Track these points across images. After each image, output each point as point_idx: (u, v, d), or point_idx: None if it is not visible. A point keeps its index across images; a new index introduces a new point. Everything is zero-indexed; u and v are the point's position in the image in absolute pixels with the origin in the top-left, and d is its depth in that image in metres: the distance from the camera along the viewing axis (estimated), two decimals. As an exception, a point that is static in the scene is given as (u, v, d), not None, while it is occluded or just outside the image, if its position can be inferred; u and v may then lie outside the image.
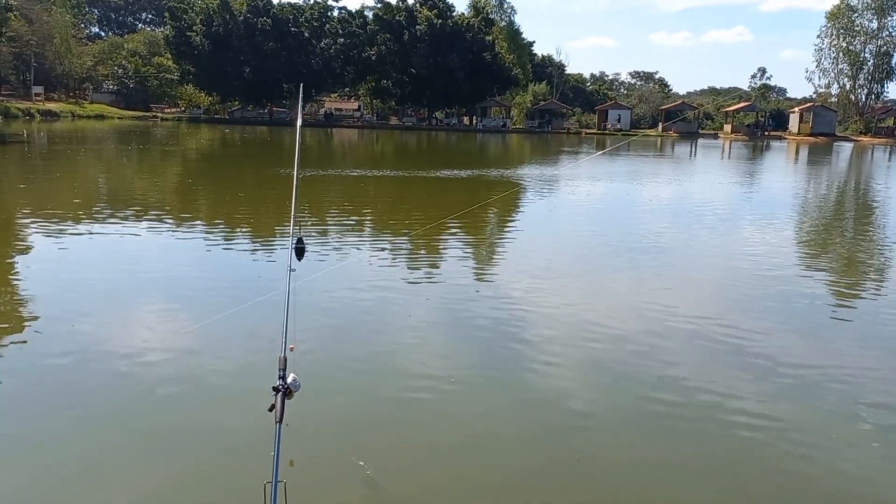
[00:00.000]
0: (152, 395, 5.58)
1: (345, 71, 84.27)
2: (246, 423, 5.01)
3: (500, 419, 5.35)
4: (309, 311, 7.32)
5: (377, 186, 22.85)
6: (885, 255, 13.00)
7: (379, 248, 11.90)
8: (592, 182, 25.64)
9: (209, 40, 78.12)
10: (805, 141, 71.78)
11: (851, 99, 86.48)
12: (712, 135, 79.91)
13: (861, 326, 8.17)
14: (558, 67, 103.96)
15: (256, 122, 77.09)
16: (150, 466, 4.55)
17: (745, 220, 17.15)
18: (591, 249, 12.30)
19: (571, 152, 46.04)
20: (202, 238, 12.47)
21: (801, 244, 14.16)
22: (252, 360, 6.31)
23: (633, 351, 6.89)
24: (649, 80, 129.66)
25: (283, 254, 10.79)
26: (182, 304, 8.18)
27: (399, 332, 7.30)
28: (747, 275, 10.55)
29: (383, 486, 4.40)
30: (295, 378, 3.00)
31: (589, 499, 4.36)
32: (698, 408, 5.63)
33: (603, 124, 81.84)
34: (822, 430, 5.30)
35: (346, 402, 5.56)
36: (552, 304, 8.51)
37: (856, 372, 6.50)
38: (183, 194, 19.52)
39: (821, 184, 29.19)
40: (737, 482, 4.56)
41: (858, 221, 17.98)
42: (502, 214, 17.28)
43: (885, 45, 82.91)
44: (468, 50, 79.41)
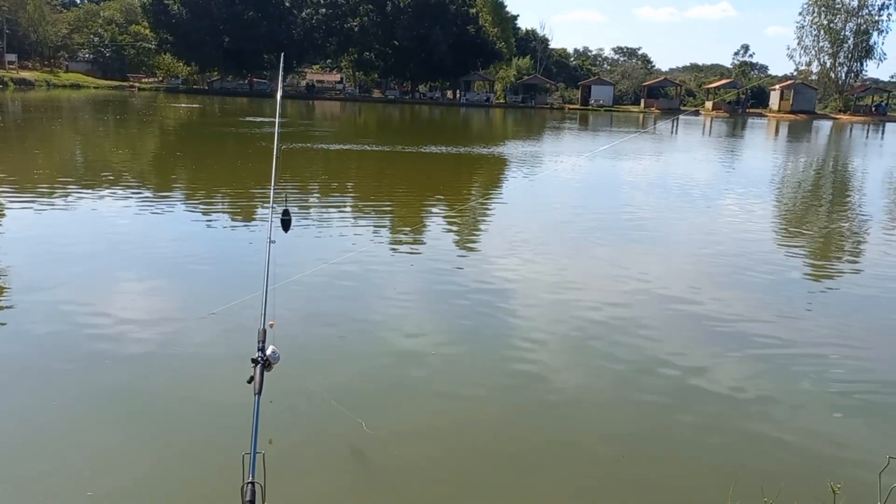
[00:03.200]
0: (130, 369, 5.56)
1: (327, 42, 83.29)
2: (226, 396, 5.02)
3: (482, 393, 5.39)
4: (290, 284, 7.29)
5: (361, 161, 22.71)
6: (861, 231, 13.19)
7: (364, 223, 11.86)
8: (575, 158, 25.67)
9: (187, 8, 76.73)
10: (785, 118, 72.20)
11: (831, 77, 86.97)
12: (694, 111, 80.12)
13: (838, 299, 8.30)
14: (542, 42, 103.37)
15: (236, 92, 76.07)
16: (127, 440, 4.55)
17: (726, 196, 17.28)
18: (574, 225, 12.34)
19: (563, 128, 45.99)
20: (183, 210, 12.35)
21: (780, 220, 14.31)
22: (232, 333, 6.30)
23: (614, 325, 6.95)
24: (632, 55, 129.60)
25: (265, 224, 10.72)
26: (162, 278, 8.12)
27: (382, 305, 7.30)
28: (727, 250, 10.67)
29: (364, 458, 4.43)
30: (274, 350, 3.00)
31: (569, 470, 4.42)
32: (679, 382, 5.70)
33: (586, 100, 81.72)
34: (799, 403, 5.39)
35: (326, 375, 5.57)
36: (535, 278, 8.56)
37: (832, 345, 6.61)
38: (162, 166, 19.29)
39: (800, 161, 29.43)
40: (716, 455, 4.64)
41: (836, 198, 18.19)
42: (486, 188, 17.29)
43: (865, 24, 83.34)
44: (452, 22, 78.71)
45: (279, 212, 4.37)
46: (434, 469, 4.37)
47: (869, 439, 4.86)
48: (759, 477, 4.13)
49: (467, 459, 4.48)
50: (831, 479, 3.30)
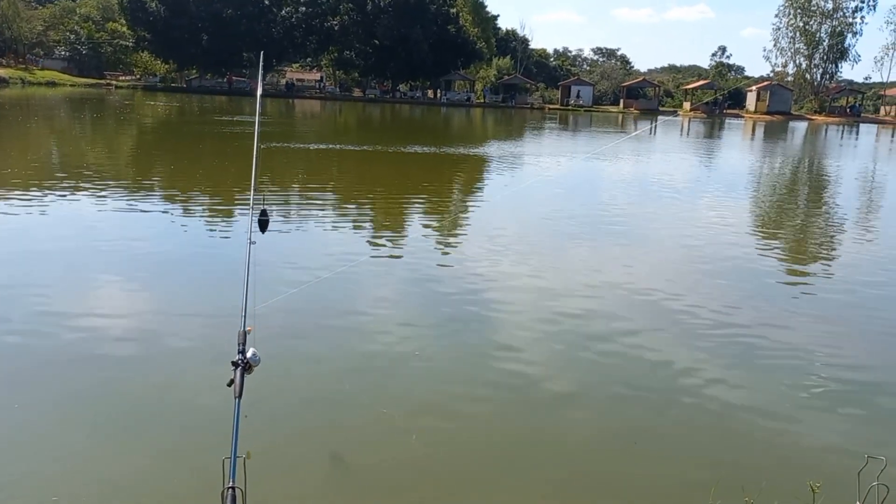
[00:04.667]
0: (106, 371, 5.49)
1: (307, 41, 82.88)
2: (206, 399, 4.96)
3: (465, 395, 5.38)
4: (272, 284, 7.24)
5: (341, 161, 22.62)
6: (836, 230, 13.36)
7: (344, 224, 11.81)
8: (556, 158, 25.78)
9: (165, 6, 75.99)
10: (762, 119, 72.95)
11: (807, 78, 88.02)
12: (672, 112, 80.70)
13: (814, 299, 8.39)
14: (522, 42, 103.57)
15: (215, 91, 75.48)
16: (102, 443, 4.48)
17: (704, 196, 17.42)
18: (554, 225, 12.35)
19: (544, 129, 46.11)
20: (162, 210, 12.22)
21: (757, 220, 14.45)
22: (213, 334, 6.24)
23: (595, 324, 6.98)
24: (611, 56, 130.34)
25: (244, 225, 10.64)
26: (141, 277, 8.03)
27: (363, 306, 7.27)
28: (706, 249, 10.76)
29: (345, 462, 4.41)
30: (255, 352, 2.96)
31: (550, 469, 4.42)
32: (660, 381, 5.73)
33: (566, 100, 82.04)
34: (778, 402, 5.44)
35: (308, 377, 5.53)
36: (517, 278, 8.56)
37: (810, 344, 6.68)
38: (140, 165, 19.09)
39: (776, 162, 29.75)
40: (697, 454, 4.66)
41: (812, 198, 18.40)
42: (467, 188, 17.30)
43: (840, 26, 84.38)
44: (432, 22, 78.65)
45: (257, 212, 4.32)
46: (415, 471, 4.36)
47: (847, 438, 4.92)
48: (740, 476, 4.16)
49: (449, 461, 4.47)
50: (811, 477, 3.34)
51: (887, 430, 5.06)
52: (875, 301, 8.36)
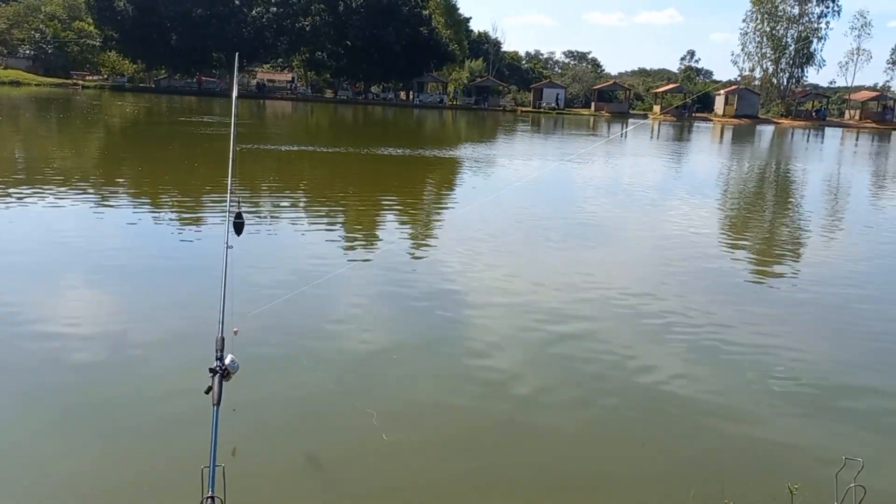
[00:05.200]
0: (79, 377, 5.38)
1: (278, 41, 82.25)
2: (183, 407, 4.87)
3: (443, 399, 5.36)
4: (249, 289, 7.15)
5: (313, 163, 22.48)
6: (802, 232, 13.59)
7: (317, 227, 11.73)
8: (527, 160, 25.90)
9: (133, 5, 74.91)
10: (730, 122, 73.98)
11: (774, 82, 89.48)
12: (642, 115, 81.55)
13: (784, 300, 8.51)
14: (494, 44, 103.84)
15: (184, 91, 74.57)
16: (74, 452, 4.38)
17: (674, 198, 17.61)
18: (527, 224, 12.37)
19: (516, 131, 46.26)
20: (132, 212, 12.03)
21: (725, 221, 14.63)
22: (190, 340, 6.14)
23: (569, 326, 7.00)
24: (582, 59, 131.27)
25: (218, 228, 10.52)
26: (111, 282, 7.89)
27: (339, 308, 7.22)
28: (675, 250, 10.87)
29: (326, 469, 4.36)
30: (233, 359, 2.92)
31: (527, 474, 4.42)
32: (636, 385, 5.76)
33: (538, 102, 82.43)
34: (754, 404, 5.49)
35: (287, 384, 5.47)
36: (490, 281, 8.57)
37: (782, 346, 6.76)
38: (109, 167, 18.78)
39: (744, 165, 30.17)
40: (676, 458, 4.68)
41: (779, 200, 18.70)
42: (440, 190, 17.29)
43: (806, 31, 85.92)
44: (405, 23, 78.55)
45: (232, 215, 4.26)
46: (397, 477, 4.32)
47: (823, 440, 4.98)
48: (719, 479, 4.19)
49: (430, 466, 4.45)
50: (790, 479, 3.37)
51: (862, 430, 5.13)
52: (843, 302, 8.50)
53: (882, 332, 7.36)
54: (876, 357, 6.67)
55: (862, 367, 6.43)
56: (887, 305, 8.53)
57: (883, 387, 5.95)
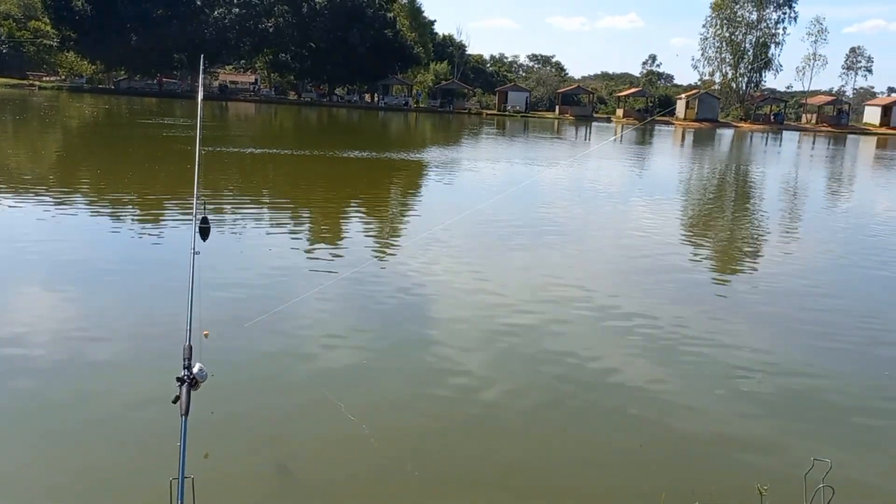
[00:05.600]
0: (43, 386, 5.23)
1: (240, 42, 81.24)
2: (153, 416, 4.76)
3: (410, 405, 5.33)
4: (214, 293, 7.04)
5: (277, 166, 22.27)
6: (760, 234, 13.85)
7: (282, 230, 11.61)
8: (493, 164, 25.98)
9: (92, 5, 73.36)
10: (691, 126, 75.11)
11: (733, 87, 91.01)
12: (606, 118, 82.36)
13: (746, 301, 8.66)
14: (459, 47, 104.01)
15: (145, 92, 73.29)
16: (37, 463, 4.26)
17: (637, 200, 17.81)
18: (492, 229, 12.37)
19: (483, 134, 46.36)
20: (91, 216, 11.78)
21: (686, 223, 14.85)
22: (154, 347, 6.02)
23: (534, 329, 7.03)
24: (546, 63, 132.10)
25: (182, 233, 10.36)
26: (71, 287, 7.70)
27: (308, 313, 7.13)
28: (638, 253, 11.00)
29: (296, 476, 4.30)
30: (202, 367, 2.86)
31: (496, 481, 4.41)
32: (603, 389, 5.80)
33: (503, 105, 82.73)
34: (723, 407, 5.57)
35: (255, 390, 5.38)
36: (456, 284, 8.56)
37: (747, 348, 6.88)
38: (67, 169, 18.37)
39: (705, 167, 30.65)
40: (646, 462, 4.70)
41: (738, 202, 19.03)
42: (405, 191, 17.26)
43: (764, 37, 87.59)
44: (369, 26, 78.26)
45: (198, 220, 4.19)
46: (367, 485, 4.29)
47: (791, 440, 5.04)
48: (689, 480, 4.22)
49: (395, 471, 4.41)
50: (759, 481, 3.41)
51: (827, 430, 5.22)
52: (801, 302, 8.67)
53: (838, 333, 7.51)
54: (835, 356, 6.81)
55: (822, 366, 6.56)
56: (843, 305, 8.73)
57: (844, 386, 6.08)
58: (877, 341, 7.26)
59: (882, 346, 7.17)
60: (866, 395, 5.93)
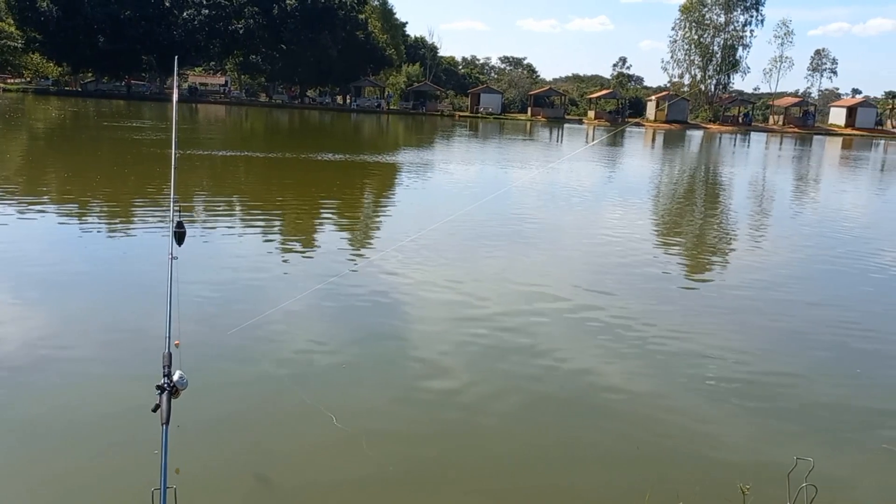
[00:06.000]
0: (11, 395, 5.11)
1: (210, 44, 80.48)
2: (131, 426, 4.66)
3: (387, 409, 5.30)
4: (187, 300, 6.93)
5: (249, 168, 22.06)
6: (729, 233, 14.03)
7: (254, 234, 11.50)
8: (466, 165, 26.02)
9: (58, 6, 72.14)
10: (661, 127, 75.92)
11: (701, 89, 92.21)
12: (577, 120, 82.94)
13: (720, 301, 8.75)
14: (431, 49, 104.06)
15: (112, 95, 72.28)
16: (16, 478, 4.15)
17: (609, 201, 17.94)
18: (465, 228, 12.33)
19: (457, 136, 46.38)
20: (58, 222, 11.55)
21: (657, 223, 14.99)
22: (133, 356, 5.91)
23: (510, 332, 7.03)
24: (518, 65, 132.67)
25: (153, 238, 10.21)
26: (41, 294, 7.54)
27: (285, 320, 7.05)
28: (610, 253, 11.07)
29: (278, 484, 4.24)
30: (182, 375, 2.81)
31: (479, 484, 4.40)
32: (584, 391, 5.82)
33: (476, 107, 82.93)
34: (686, 400, 5.62)
35: (232, 398, 5.30)
36: (434, 285, 8.52)
37: (709, 342, 6.97)
38: (33, 173, 18.01)
39: (675, 168, 30.98)
40: (630, 463, 4.71)
41: (708, 202, 19.25)
42: (378, 194, 17.20)
43: (731, 39, 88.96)
44: (341, 27, 77.98)
45: (173, 224, 4.13)
46: (348, 491, 4.25)
47: (771, 439, 5.06)
48: (674, 483, 4.23)
49: (378, 475, 4.38)
50: (742, 480, 3.44)
51: (807, 429, 5.27)
52: (773, 301, 8.78)
53: (811, 331, 7.63)
54: (809, 355, 6.91)
55: (797, 365, 6.63)
56: (814, 303, 8.86)
57: (820, 385, 6.15)
58: (847, 338, 7.37)
59: (853, 342, 7.28)
60: (841, 393, 6.01)
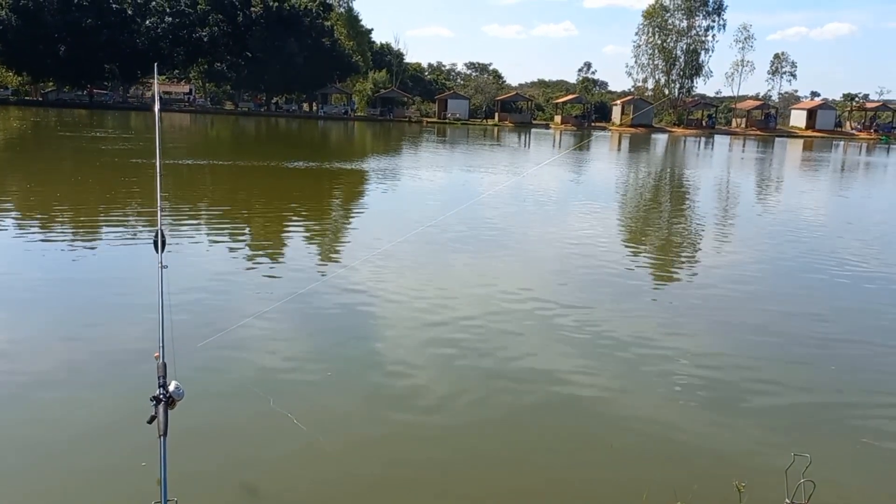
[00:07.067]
0: (15, 409, 4.98)
1: (174, 52, 79.53)
2: (126, 438, 4.57)
3: (367, 417, 5.27)
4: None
5: (215, 177, 21.83)
6: (695, 236, 14.23)
7: (223, 241, 11.38)
8: (434, 171, 26.05)
9: (16, 14, 70.68)
10: (626, 131, 76.87)
11: (665, 93, 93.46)
12: (544, 125, 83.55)
13: (689, 298, 8.88)
14: (397, 56, 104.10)
15: (74, 104, 71.02)
16: (14, 491, 4.05)
17: (577, 205, 18.06)
18: (435, 237, 12.28)
19: (426, 142, 46.39)
20: (21, 234, 11.31)
21: (625, 227, 15.15)
22: (121, 367, 5.80)
23: (474, 331, 7.10)
24: (484, 71, 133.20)
25: (119, 247, 10.06)
26: (36, 310, 7.36)
27: (258, 331, 6.99)
28: (578, 257, 11.14)
29: (270, 495, 4.18)
30: (178, 385, 2.76)
31: (482, 480, 4.39)
32: (575, 392, 5.84)
33: (443, 113, 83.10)
34: (642, 396, 5.68)
35: (220, 408, 5.23)
36: (407, 294, 8.46)
37: (665, 341, 7.07)
38: (2, 186, 17.63)
39: (641, 171, 31.35)
40: (626, 463, 4.73)
41: (674, 205, 19.50)
42: (349, 203, 17.14)
43: (694, 44, 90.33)
44: (307, 35, 77.62)
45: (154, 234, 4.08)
46: (339, 499, 4.22)
47: (766, 438, 5.10)
48: (671, 481, 4.25)
49: (370, 487, 4.36)
50: (739, 478, 3.47)
51: (797, 426, 5.33)
52: (747, 300, 8.92)
53: (785, 330, 7.76)
54: (790, 353, 7.02)
55: (778, 362, 6.71)
56: (785, 302, 9.02)
57: (804, 383, 6.23)
58: (824, 337, 7.51)
59: (830, 341, 7.40)
60: (824, 388, 6.11)
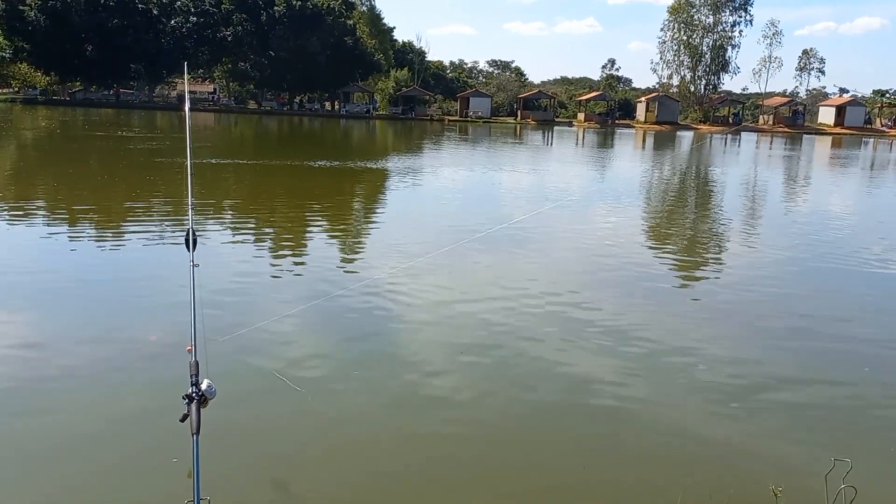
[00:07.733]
0: (46, 404, 5.04)
1: (198, 52, 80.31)
2: (158, 436, 4.60)
3: (392, 414, 5.27)
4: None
5: (238, 175, 21.98)
6: (722, 234, 14.04)
7: (244, 239, 11.45)
8: (455, 169, 26.04)
9: (45, 15, 71.81)
10: (651, 129, 76.25)
11: (691, 89, 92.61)
12: (567, 122, 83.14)
13: (701, 300, 8.77)
14: (419, 54, 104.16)
15: (101, 103, 72.00)
16: (41, 494, 4.08)
17: (600, 203, 17.89)
18: (457, 233, 12.19)
19: (452, 141, 46.40)
20: (52, 232, 11.47)
21: (650, 225, 14.99)
22: (152, 362, 5.85)
23: (497, 329, 7.04)
24: (506, 68, 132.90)
25: (147, 248, 10.16)
26: (64, 307, 7.45)
27: (286, 329, 7.00)
28: (603, 255, 11.03)
29: (300, 493, 4.18)
30: (210, 384, 2.77)
31: (515, 481, 4.36)
32: (613, 393, 5.77)
33: (465, 111, 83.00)
34: (675, 399, 5.60)
35: (251, 405, 5.24)
36: (436, 297, 8.40)
37: (697, 343, 6.97)
38: (25, 183, 17.88)
39: (666, 169, 31.07)
40: (661, 465, 4.66)
41: (699, 203, 19.29)
42: (372, 201, 17.18)
43: (720, 40, 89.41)
44: (329, 33, 77.96)
45: (184, 232, 4.11)
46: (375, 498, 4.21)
47: (806, 442, 5.02)
48: (706, 484, 4.18)
49: (398, 485, 4.35)
50: (776, 482, 3.41)
51: (838, 430, 5.22)
52: (779, 302, 8.77)
53: (815, 332, 7.59)
54: (821, 354, 6.89)
55: (813, 367, 6.55)
56: (816, 302, 8.87)
57: (839, 387, 6.07)
58: (853, 338, 7.37)
59: (861, 342, 7.25)
60: (860, 392, 5.99)
